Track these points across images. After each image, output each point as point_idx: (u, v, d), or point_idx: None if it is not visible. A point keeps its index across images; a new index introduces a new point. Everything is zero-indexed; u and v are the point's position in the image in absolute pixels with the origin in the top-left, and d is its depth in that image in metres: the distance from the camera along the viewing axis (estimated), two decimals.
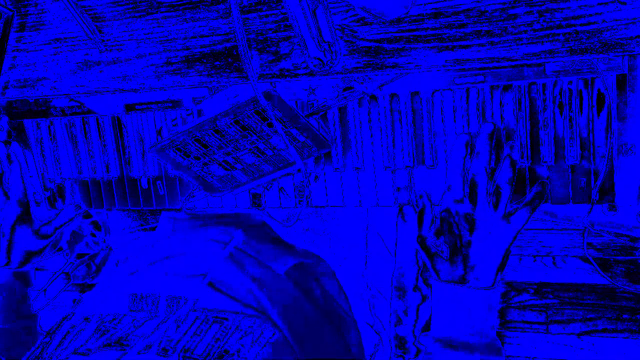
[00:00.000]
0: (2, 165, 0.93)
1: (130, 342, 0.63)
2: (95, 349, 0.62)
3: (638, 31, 0.63)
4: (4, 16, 0.83)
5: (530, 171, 0.74)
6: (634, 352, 0.82)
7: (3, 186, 0.92)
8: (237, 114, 0.74)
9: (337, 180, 0.83)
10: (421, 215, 0.75)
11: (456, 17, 0.68)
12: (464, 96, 0.75)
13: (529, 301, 0.86)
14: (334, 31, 0.72)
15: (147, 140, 0.90)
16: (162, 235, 0.92)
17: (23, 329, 0.87)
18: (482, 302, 0.69)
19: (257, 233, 0.90)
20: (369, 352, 0.93)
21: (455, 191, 0.72)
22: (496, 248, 0.70)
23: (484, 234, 0.70)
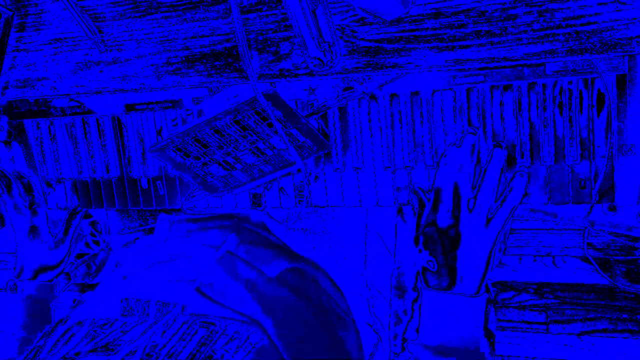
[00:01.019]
0: (11, 179, 0.94)
1: (117, 347, 0.62)
2: (83, 353, 0.62)
3: (638, 31, 0.63)
4: (4, 16, 0.82)
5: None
6: (634, 352, 0.82)
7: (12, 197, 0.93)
8: (237, 114, 0.74)
9: (337, 180, 0.83)
10: (419, 218, 0.75)
11: (456, 17, 0.68)
12: (464, 96, 0.75)
13: (529, 301, 0.86)
14: (334, 31, 0.71)
15: (147, 140, 0.90)
16: (159, 239, 0.92)
17: None
18: (468, 309, 0.70)
19: (252, 236, 0.90)
20: (369, 352, 0.93)
21: (439, 205, 0.72)
22: (479, 256, 0.70)
23: (469, 247, 0.70)
